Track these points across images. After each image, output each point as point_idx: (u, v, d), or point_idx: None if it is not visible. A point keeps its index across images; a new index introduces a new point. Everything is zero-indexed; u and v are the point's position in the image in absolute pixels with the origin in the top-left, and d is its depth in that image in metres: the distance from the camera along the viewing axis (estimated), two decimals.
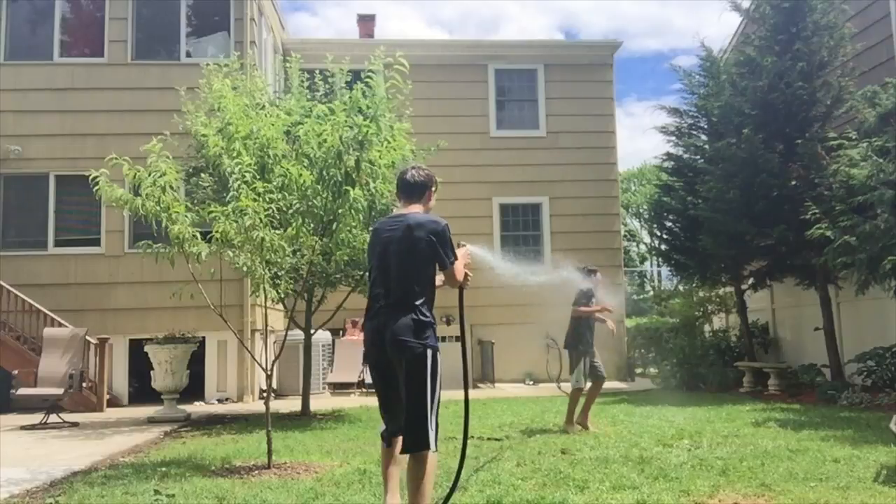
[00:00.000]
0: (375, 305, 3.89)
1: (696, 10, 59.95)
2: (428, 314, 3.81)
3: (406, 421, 3.70)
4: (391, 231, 3.91)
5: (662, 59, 57.27)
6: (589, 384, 7.84)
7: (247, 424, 8.91)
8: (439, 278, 4.01)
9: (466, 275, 4.04)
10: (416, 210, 4.00)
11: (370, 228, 8.36)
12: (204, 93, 8.73)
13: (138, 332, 11.67)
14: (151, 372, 9.78)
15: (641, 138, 59.61)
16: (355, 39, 17.88)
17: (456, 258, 3.92)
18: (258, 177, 6.79)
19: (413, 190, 4.06)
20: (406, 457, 3.76)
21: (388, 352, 3.76)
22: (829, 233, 9.54)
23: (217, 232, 5.82)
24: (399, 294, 3.80)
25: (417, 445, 3.67)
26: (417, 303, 3.78)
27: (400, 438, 3.78)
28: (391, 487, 3.94)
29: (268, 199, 6.07)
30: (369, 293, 3.98)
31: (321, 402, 11.20)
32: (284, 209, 7.01)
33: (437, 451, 3.74)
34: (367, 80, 9.01)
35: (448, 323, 13.54)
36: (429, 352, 3.73)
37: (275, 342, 11.48)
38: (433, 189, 4.14)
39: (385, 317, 3.79)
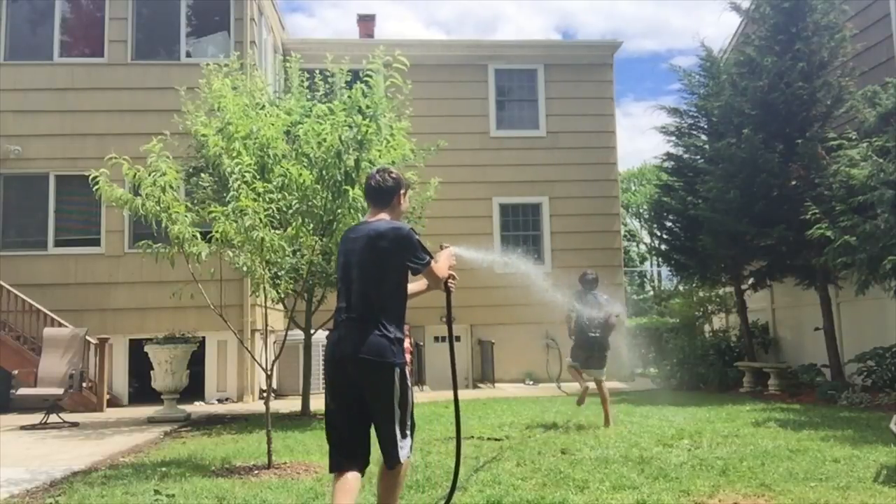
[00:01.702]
0: (338, 319, 3.63)
1: (694, 11, 60.03)
2: (392, 329, 3.53)
3: (383, 439, 3.53)
4: (353, 241, 3.67)
5: (659, 59, 57.36)
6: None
7: (247, 424, 8.91)
8: (422, 283, 3.81)
9: (452, 276, 3.86)
10: (382, 217, 3.70)
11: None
12: (204, 93, 8.72)
13: (138, 332, 11.67)
14: (151, 372, 9.78)
15: (640, 138, 59.67)
16: (355, 39, 17.88)
17: (431, 258, 3.69)
18: (258, 177, 6.78)
19: (379, 195, 3.75)
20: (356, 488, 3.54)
21: (350, 370, 3.49)
22: (829, 233, 9.54)
23: (217, 232, 5.82)
24: (361, 308, 3.55)
25: (393, 461, 3.53)
26: (381, 317, 3.51)
27: (353, 472, 3.51)
28: None
29: (268, 199, 6.07)
30: (336, 305, 3.74)
31: (321, 402, 11.16)
32: (284, 209, 7.01)
33: (409, 457, 3.62)
34: (367, 79, 9.01)
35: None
36: (396, 370, 3.49)
37: (275, 342, 11.48)
38: (403, 192, 3.81)
39: (346, 331, 3.54)
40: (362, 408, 3.56)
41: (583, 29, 61.57)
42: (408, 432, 3.60)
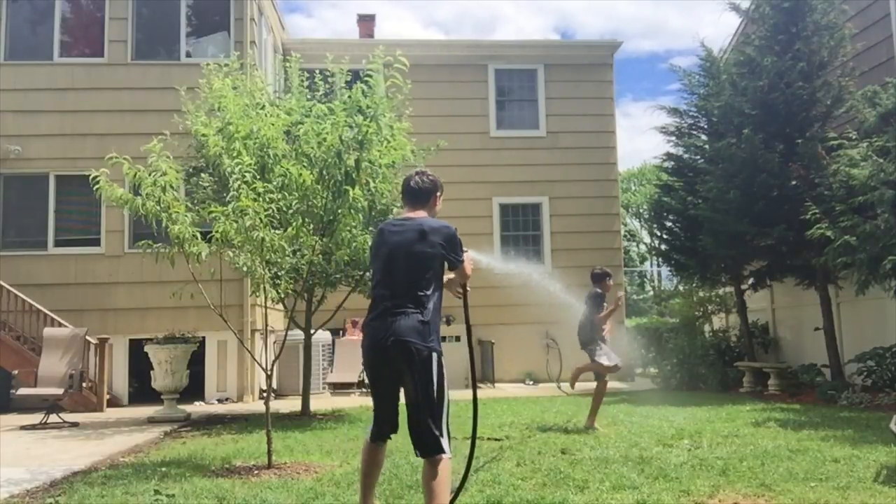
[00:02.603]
0: (380, 306, 3.82)
1: (692, 12, 60.06)
2: (434, 319, 3.77)
3: (416, 425, 3.67)
4: (400, 234, 3.87)
5: (658, 59, 57.47)
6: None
7: (247, 424, 8.91)
8: (446, 276, 4.01)
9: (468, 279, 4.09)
10: (422, 215, 3.98)
11: (370, 229, 8.40)
12: (204, 93, 8.72)
13: (138, 332, 11.67)
14: (151, 372, 9.78)
15: (639, 138, 59.73)
16: (355, 39, 17.88)
17: (463, 259, 3.97)
18: (258, 177, 6.78)
19: (418, 196, 4.04)
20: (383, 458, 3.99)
21: (392, 353, 3.70)
22: (829, 233, 9.54)
23: (217, 232, 5.81)
24: (406, 296, 3.75)
25: (430, 450, 3.65)
26: (426, 306, 3.75)
27: (386, 442, 3.94)
28: (368, 490, 3.94)
29: (268, 199, 6.07)
30: (373, 294, 3.94)
31: (321, 402, 11.19)
32: (284, 209, 7.01)
33: (451, 455, 3.69)
34: (367, 79, 9.00)
35: (448, 323, 13.54)
36: (434, 355, 3.70)
37: (275, 342, 11.47)
38: (439, 194, 4.12)
39: (390, 318, 3.73)
40: (398, 389, 3.86)
41: (582, 29, 61.66)
42: (447, 421, 3.74)
